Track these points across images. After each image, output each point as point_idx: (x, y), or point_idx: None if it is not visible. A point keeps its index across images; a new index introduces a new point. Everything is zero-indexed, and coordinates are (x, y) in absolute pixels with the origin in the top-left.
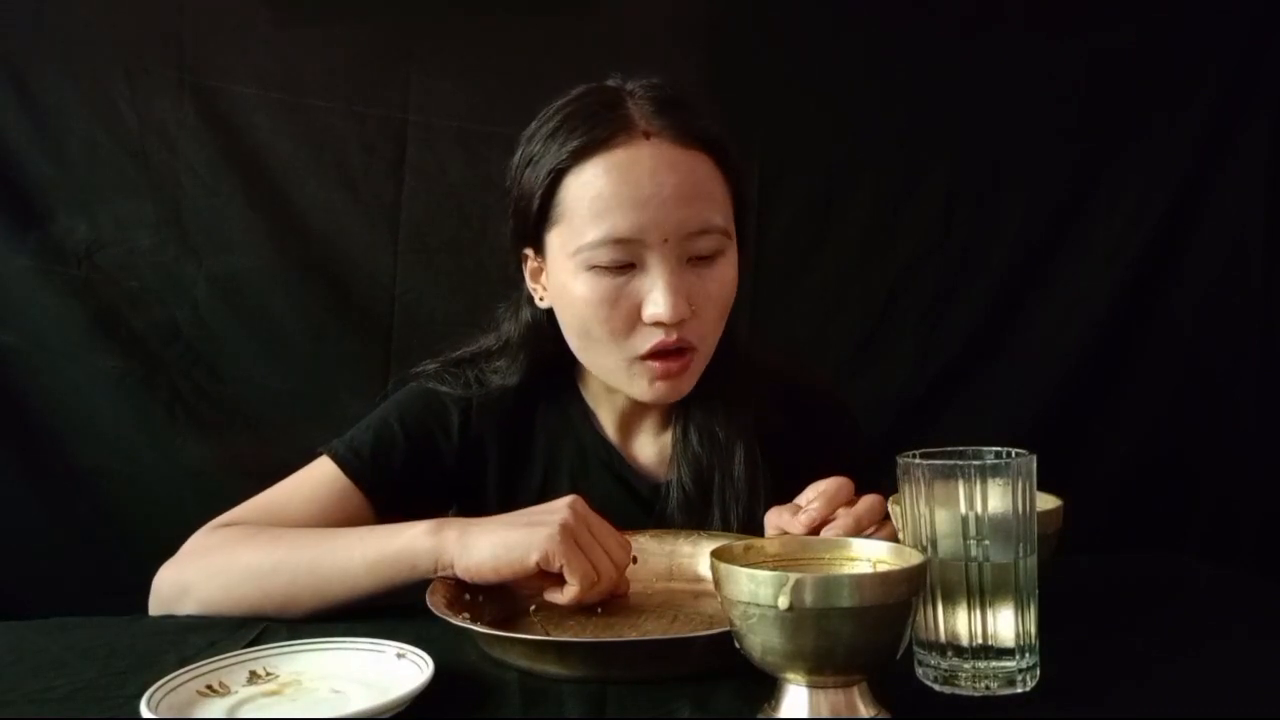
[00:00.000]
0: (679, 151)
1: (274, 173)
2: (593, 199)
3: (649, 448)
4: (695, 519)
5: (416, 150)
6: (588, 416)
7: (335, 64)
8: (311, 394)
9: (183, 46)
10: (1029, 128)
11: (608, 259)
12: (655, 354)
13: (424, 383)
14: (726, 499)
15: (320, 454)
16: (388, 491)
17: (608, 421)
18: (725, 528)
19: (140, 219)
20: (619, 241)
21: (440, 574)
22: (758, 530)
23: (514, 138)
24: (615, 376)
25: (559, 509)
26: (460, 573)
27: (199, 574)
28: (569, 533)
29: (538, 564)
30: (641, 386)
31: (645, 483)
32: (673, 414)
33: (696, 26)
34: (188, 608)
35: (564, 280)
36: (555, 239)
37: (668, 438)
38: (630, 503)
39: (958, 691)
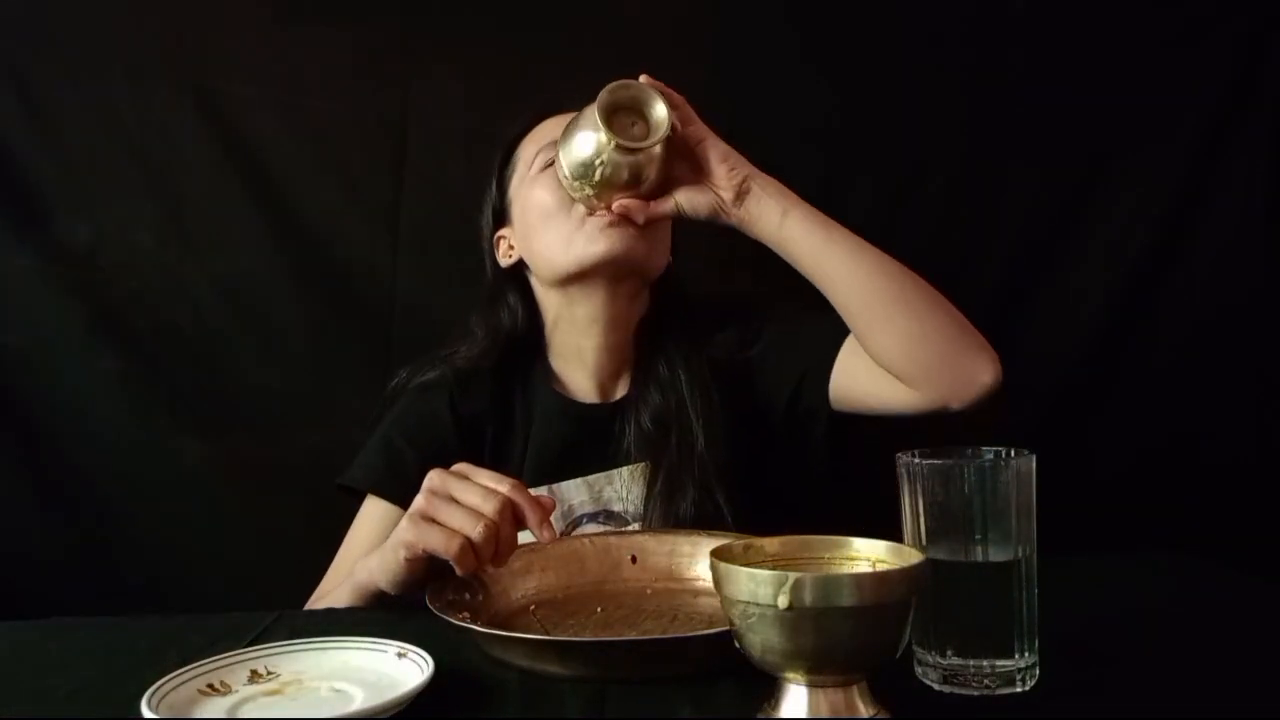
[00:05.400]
0: None
1: (274, 173)
2: (541, 132)
3: (622, 394)
4: (657, 445)
5: (416, 150)
6: (549, 378)
7: (335, 64)
8: (311, 394)
9: (183, 46)
10: (1029, 127)
11: None
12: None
13: (406, 386)
14: (684, 426)
15: (340, 489)
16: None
17: (583, 379)
18: (682, 454)
19: (141, 219)
20: None
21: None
22: (717, 461)
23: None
24: (574, 246)
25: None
26: (388, 590)
27: None
28: (417, 514)
29: (407, 559)
30: (594, 238)
31: (608, 421)
32: (637, 363)
33: (698, 27)
34: None
35: (526, 196)
36: (514, 181)
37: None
38: (597, 441)
39: (957, 691)
